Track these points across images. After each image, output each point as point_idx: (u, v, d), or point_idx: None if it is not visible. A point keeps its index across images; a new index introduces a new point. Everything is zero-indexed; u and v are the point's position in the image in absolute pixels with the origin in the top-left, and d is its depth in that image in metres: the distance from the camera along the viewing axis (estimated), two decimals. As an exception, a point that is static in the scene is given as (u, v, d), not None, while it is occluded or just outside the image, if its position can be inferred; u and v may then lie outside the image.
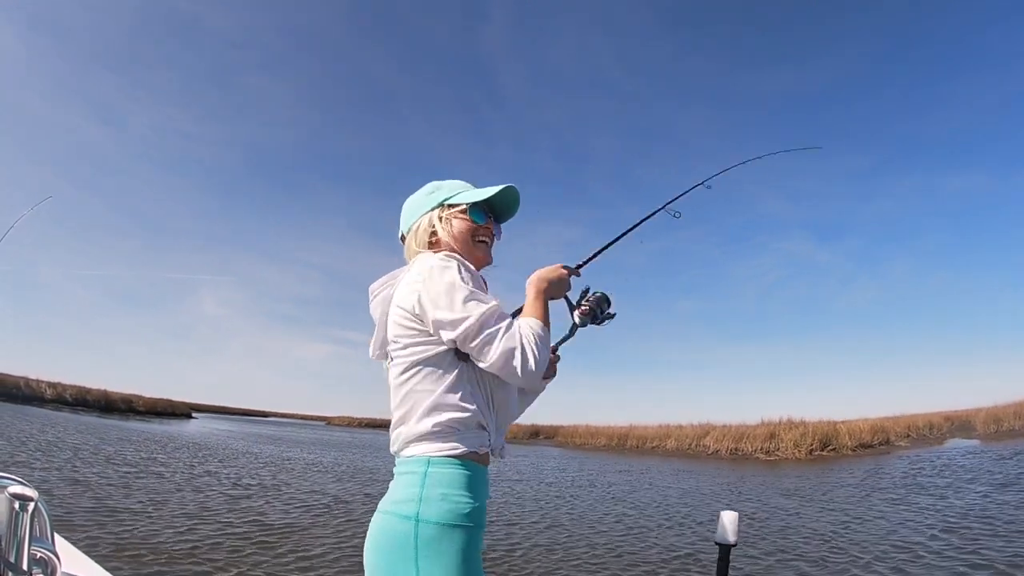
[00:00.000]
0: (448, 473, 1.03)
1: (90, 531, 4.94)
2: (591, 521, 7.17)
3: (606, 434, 25.07)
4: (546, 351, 1.10)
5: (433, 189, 1.26)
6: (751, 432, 19.23)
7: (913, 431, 19.77)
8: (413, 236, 1.24)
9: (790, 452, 17.55)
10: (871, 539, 5.86)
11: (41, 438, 12.12)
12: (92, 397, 30.26)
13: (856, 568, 4.85)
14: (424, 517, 0.98)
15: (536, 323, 1.13)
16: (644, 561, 5.25)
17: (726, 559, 2.08)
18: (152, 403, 34.25)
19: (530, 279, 1.24)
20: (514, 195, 1.26)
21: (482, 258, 1.24)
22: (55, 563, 0.81)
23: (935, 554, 5.12)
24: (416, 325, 1.09)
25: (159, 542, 4.82)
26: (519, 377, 1.06)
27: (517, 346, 1.05)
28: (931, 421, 20.47)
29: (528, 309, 1.19)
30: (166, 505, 6.37)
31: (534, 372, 1.06)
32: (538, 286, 1.23)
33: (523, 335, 1.08)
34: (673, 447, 21.35)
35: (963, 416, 20.77)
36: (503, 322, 1.07)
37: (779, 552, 5.47)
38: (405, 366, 1.10)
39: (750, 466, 16.07)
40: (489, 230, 1.25)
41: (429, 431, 1.05)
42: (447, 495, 1.00)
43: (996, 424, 17.95)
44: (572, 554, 5.44)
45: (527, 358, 1.05)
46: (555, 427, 29.98)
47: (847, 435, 17.84)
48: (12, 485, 0.75)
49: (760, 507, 8.16)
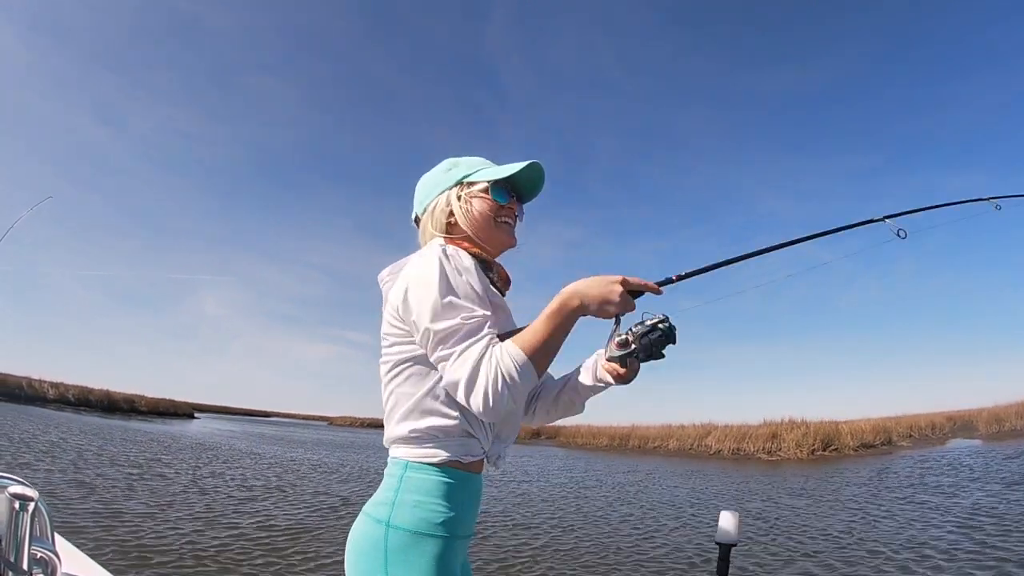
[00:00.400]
0: (423, 479, 0.97)
1: (93, 532, 4.96)
2: (595, 521, 7.18)
3: (608, 434, 25.04)
4: (512, 391, 0.88)
5: (451, 166, 1.15)
6: (753, 432, 19.21)
7: (915, 431, 19.74)
8: (429, 217, 1.13)
9: (792, 452, 17.53)
10: (875, 538, 5.86)
11: (43, 438, 12.16)
12: (95, 397, 30.34)
13: (864, 568, 4.86)
14: (395, 523, 0.94)
15: (516, 353, 0.90)
16: (650, 560, 5.26)
17: (727, 559, 2.08)
18: (154, 403, 34.35)
19: (566, 287, 0.97)
20: (539, 172, 1.14)
21: (506, 240, 1.13)
22: (55, 563, 0.80)
23: (943, 553, 5.12)
24: (401, 324, 1.01)
25: (161, 542, 4.83)
26: (474, 408, 0.90)
27: (466, 372, 0.89)
28: (933, 421, 20.42)
29: (528, 328, 0.96)
30: (169, 506, 6.40)
31: (482, 411, 0.89)
32: (566, 299, 0.96)
33: (487, 363, 0.89)
34: (675, 447, 21.34)
35: (965, 416, 20.72)
36: (468, 340, 0.91)
37: (784, 551, 5.48)
38: (390, 365, 1.03)
39: (752, 466, 16.06)
40: (512, 210, 1.14)
41: (407, 435, 0.99)
42: (420, 502, 0.95)
43: (998, 424, 17.93)
44: (576, 553, 5.46)
45: (474, 390, 0.89)
46: (557, 427, 29.97)
47: (849, 435, 17.83)
48: (12, 485, 0.75)
49: (763, 507, 8.16)
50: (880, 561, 5.02)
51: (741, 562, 5.04)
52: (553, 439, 29.05)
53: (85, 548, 1.54)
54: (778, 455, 17.75)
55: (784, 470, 14.37)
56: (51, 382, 29.13)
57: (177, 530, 5.31)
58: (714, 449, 19.73)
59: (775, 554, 5.40)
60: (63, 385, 29.37)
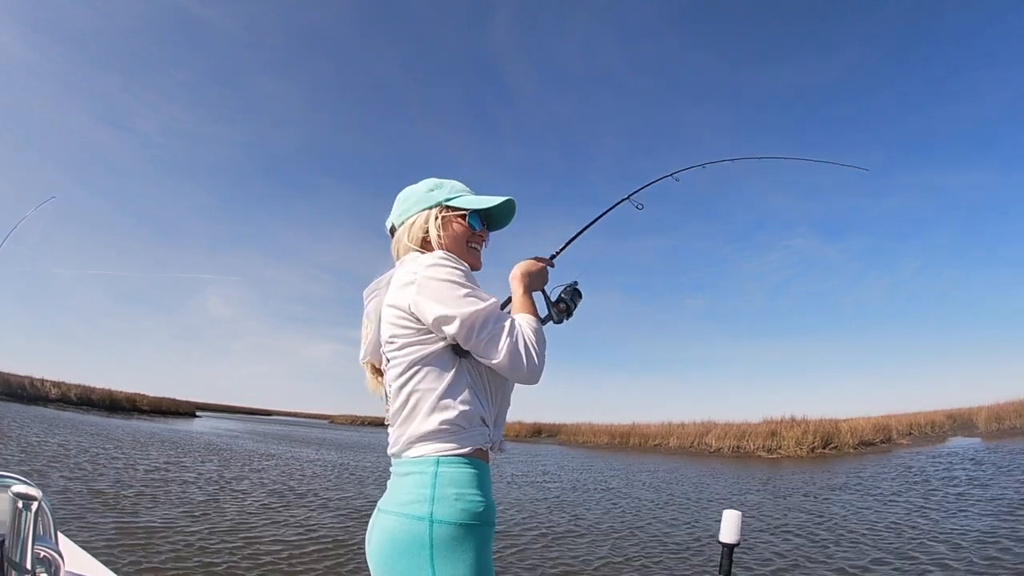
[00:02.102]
0: (459, 472, 1.02)
1: (94, 531, 5.00)
2: (596, 519, 7.22)
3: (608, 432, 25.07)
4: (544, 347, 1.11)
5: (433, 187, 1.25)
6: (753, 430, 19.24)
7: (915, 429, 19.76)
8: (406, 231, 1.23)
9: (792, 450, 17.56)
10: (874, 535, 5.90)
11: (46, 438, 12.20)
12: (96, 396, 30.37)
13: (865, 562, 4.90)
14: (438, 517, 0.97)
15: (533, 320, 1.14)
16: (649, 559, 5.30)
17: (729, 558, 2.10)
18: (156, 402, 34.38)
19: (514, 273, 1.26)
20: (512, 209, 1.28)
21: (473, 263, 1.24)
22: (58, 562, 0.81)
23: (944, 543, 5.16)
24: (412, 324, 1.08)
25: (165, 542, 4.87)
26: (524, 374, 1.07)
27: (521, 344, 1.06)
28: (933, 419, 20.41)
29: (519, 305, 1.20)
30: (173, 504, 6.43)
31: (538, 369, 1.08)
32: (523, 281, 1.25)
33: (524, 333, 1.09)
34: (675, 445, 21.37)
35: (965, 414, 20.72)
36: (505, 320, 1.08)
37: (785, 551, 5.52)
38: (404, 366, 1.08)
39: (752, 464, 16.08)
40: (483, 237, 1.27)
41: (436, 429, 1.04)
42: (461, 494, 1.00)
43: (998, 422, 17.96)
44: (577, 551, 5.49)
45: (531, 356, 1.07)
46: (558, 425, 30.03)
47: (849, 433, 17.85)
48: (15, 484, 0.76)
49: (764, 504, 8.20)
50: (882, 556, 5.06)
51: (744, 560, 5.07)
52: (554, 437, 29.10)
53: (87, 547, 1.56)
54: (778, 453, 17.78)
55: (784, 468, 14.40)
56: (53, 381, 29.20)
57: (179, 530, 5.34)
58: (714, 447, 19.76)
59: (782, 554, 5.44)
60: (65, 384, 29.42)
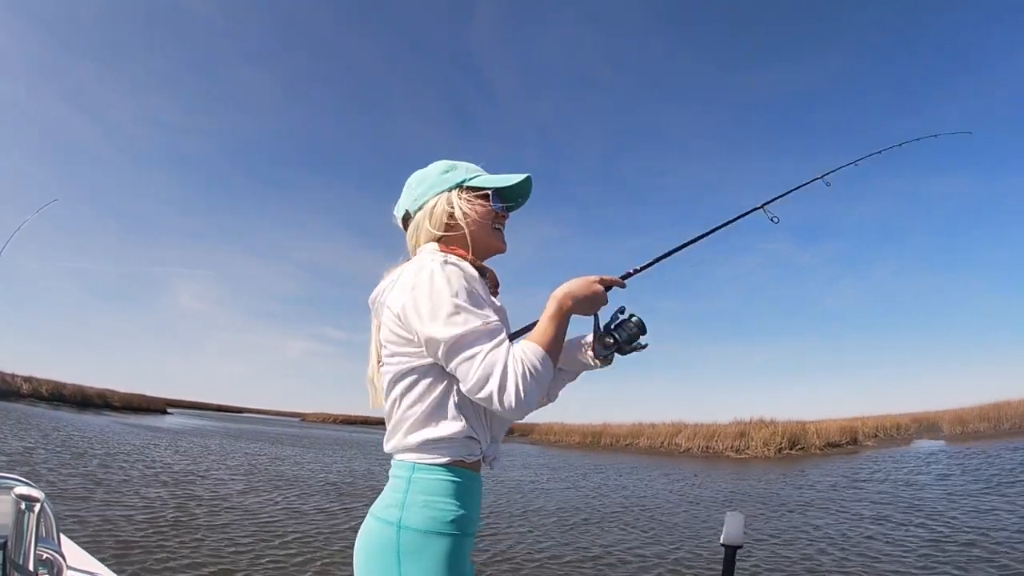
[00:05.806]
0: (432, 480, 0.99)
1: (95, 532, 4.86)
2: (574, 522, 7.18)
3: (580, 432, 25.17)
4: (538, 383, 0.94)
5: (448, 168, 1.15)
6: (722, 431, 19.45)
7: (881, 431, 20.06)
8: (427, 216, 1.12)
9: (760, 451, 17.75)
10: (839, 534, 5.93)
11: (22, 435, 11.99)
12: (68, 392, 29.98)
13: (830, 559, 4.91)
14: (406, 524, 0.95)
15: (536, 349, 0.97)
16: (649, 562, 5.24)
17: (732, 560, 2.07)
18: (127, 398, 33.95)
19: (555, 291, 1.06)
20: (530, 186, 1.18)
21: (499, 245, 1.16)
22: (61, 563, 0.82)
23: (896, 544, 5.19)
24: (403, 332, 1.00)
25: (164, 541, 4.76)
26: (497, 408, 0.92)
27: (497, 372, 0.91)
28: (899, 422, 20.76)
29: (537, 329, 1.02)
30: (172, 504, 6.32)
31: (515, 407, 0.92)
32: (561, 302, 1.04)
33: (512, 361, 0.93)
34: (646, 445, 21.48)
35: (931, 417, 21.05)
36: (490, 341, 0.94)
37: (757, 548, 5.52)
38: (393, 375, 1.03)
39: (721, 464, 16.21)
40: (505, 218, 1.17)
41: (418, 444, 1.00)
42: (429, 502, 0.97)
43: (962, 426, 18.23)
44: (554, 554, 5.44)
45: (506, 388, 0.91)
46: (531, 425, 29.97)
47: (816, 435, 18.09)
48: (18, 486, 0.76)
49: (736, 503, 8.24)
50: (848, 555, 5.08)
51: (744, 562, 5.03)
52: (526, 436, 29.11)
53: (89, 547, 1.53)
54: (746, 453, 17.96)
55: (752, 468, 14.54)
56: (24, 376, 28.78)
57: (179, 527, 5.26)
58: (684, 447, 19.91)
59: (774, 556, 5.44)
60: (35, 380, 29.00)
